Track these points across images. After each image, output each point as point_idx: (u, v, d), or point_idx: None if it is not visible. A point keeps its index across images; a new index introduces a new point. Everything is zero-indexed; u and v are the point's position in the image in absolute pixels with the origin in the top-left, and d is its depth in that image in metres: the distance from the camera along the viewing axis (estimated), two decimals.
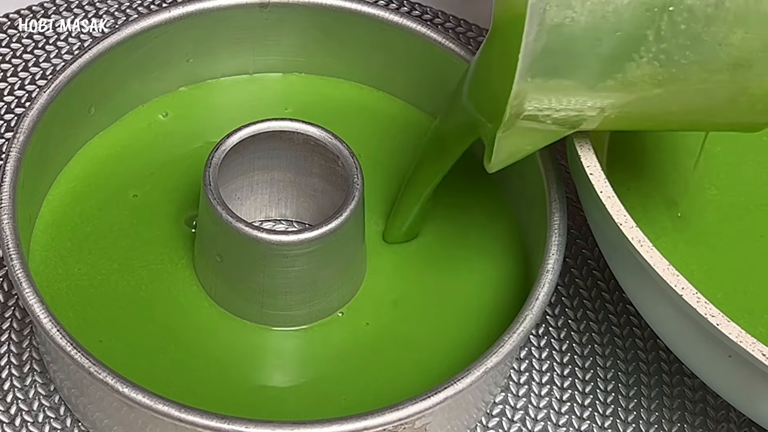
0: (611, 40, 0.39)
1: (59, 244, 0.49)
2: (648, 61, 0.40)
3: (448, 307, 0.49)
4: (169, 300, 0.49)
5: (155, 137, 0.53)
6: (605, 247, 0.47)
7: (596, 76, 0.40)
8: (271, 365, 0.48)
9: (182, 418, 0.41)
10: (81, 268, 0.49)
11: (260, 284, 0.47)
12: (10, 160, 0.46)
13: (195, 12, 0.52)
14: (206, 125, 0.53)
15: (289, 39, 0.54)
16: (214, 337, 0.48)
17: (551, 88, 0.40)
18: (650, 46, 0.40)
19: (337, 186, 0.49)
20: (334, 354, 0.48)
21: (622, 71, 0.40)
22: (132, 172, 0.52)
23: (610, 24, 0.39)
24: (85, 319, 0.47)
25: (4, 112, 0.57)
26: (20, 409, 0.48)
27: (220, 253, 0.47)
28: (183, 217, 0.51)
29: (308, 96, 0.55)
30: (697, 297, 0.41)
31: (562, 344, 0.52)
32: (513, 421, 0.50)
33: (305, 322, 0.48)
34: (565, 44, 0.39)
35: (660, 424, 0.50)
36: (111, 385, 0.42)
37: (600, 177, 0.44)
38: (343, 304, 0.49)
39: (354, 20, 0.53)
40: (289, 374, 0.48)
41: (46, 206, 0.50)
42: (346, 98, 0.55)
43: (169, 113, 0.54)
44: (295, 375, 0.48)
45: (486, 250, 0.51)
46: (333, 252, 0.47)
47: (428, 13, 0.62)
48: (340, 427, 0.41)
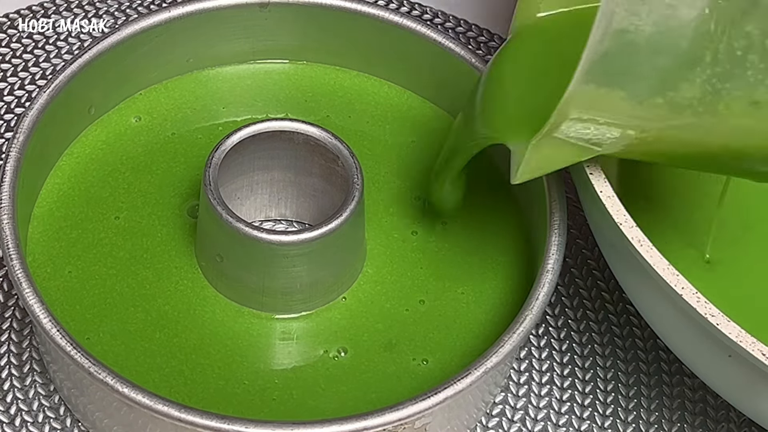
0: (670, 55, 0.39)
1: (53, 241, 0.49)
2: (701, 83, 0.39)
3: (449, 305, 0.49)
4: (170, 291, 0.48)
5: (135, 134, 0.53)
6: (605, 247, 0.47)
7: (648, 91, 0.39)
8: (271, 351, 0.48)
9: (182, 418, 0.41)
10: (71, 270, 0.48)
11: (260, 284, 0.47)
12: (10, 160, 0.46)
13: (195, 12, 0.52)
14: (202, 119, 0.53)
15: (289, 39, 0.54)
16: (216, 326, 0.48)
17: (601, 98, 0.39)
18: (705, 68, 0.39)
19: (337, 186, 0.49)
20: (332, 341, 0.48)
21: (674, 90, 0.39)
22: (125, 165, 0.52)
23: (671, 39, 0.38)
24: (74, 318, 0.47)
25: (4, 112, 0.57)
26: (20, 409, 0.48)
27: (220, 253, 0.47)
28: (185, 207, 0.51)
29: (308, 94, 0.55)
30: (697, 297, 0.41)
31: (562, 344, 0.52)
32: (513, 421, 0.50)
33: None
34: (625, 52, 0.38)
35: (660, 424, 0.50)
36: (111, 385, 0.42)
37: (600, 177, 0.44)
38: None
39: (354, 20, 0.53)
40: (290, 360, 0.48)
41: (38, 205, 0.50)
42: (345, 90, 0.55)
43: (160, 109, 0.53)
44: (296, 360, 0.48)
45: (489, 249, 0.51)
46: (333, 252, 0.47)
47: (428, 13, 0.62)
48: (340, 427, 0.41)
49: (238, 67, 0.55)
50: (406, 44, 0.53)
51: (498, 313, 0.49)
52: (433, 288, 0.50)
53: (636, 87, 0.39)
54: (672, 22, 0.38)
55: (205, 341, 0.47)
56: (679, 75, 0.39)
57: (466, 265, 0.50)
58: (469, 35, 0.61)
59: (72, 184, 0.51)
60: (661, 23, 0.38)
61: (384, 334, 0.48)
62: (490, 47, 0.61)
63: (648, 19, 0.38)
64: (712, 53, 0.39)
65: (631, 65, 0.39)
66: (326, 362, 0.47)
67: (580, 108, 0.39)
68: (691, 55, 0.39)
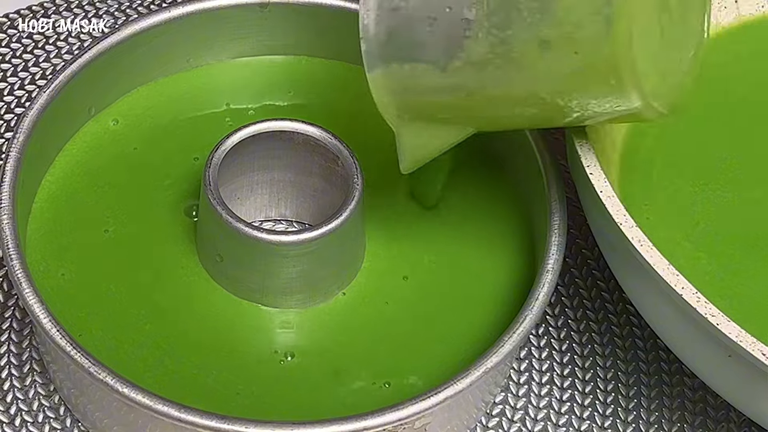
0: (444, 17, 0.41)
1: (51, 239, 0.49)
2: (484, 37, 0.40)
3: (449, 304, 0.49)
4: (170, 286, 0.48)
5: (126, 133, 0.53)
6: (605, 247, 0.47)
7: (443, 56, 0.41)
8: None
9: (182, 418, 0.41)
10: (66, 272, 0.48)
11: (260, 284, 0.47)
12: (10, 160, 0.46)
13: (195, 12, 0.52)
14: (200, 113, 0.53)
15: (288, 38, 0.54)
16: (217, 317, 0.48)
17: (408, 74, 0.42)
18: (482, 21, 0.40)
19: (337, 186, 0.49)
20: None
21: (463, 49, 0.41)
22: (120, 163, 0.51)
23: (435, 2, 0.41)
24: (69, 315, 0.47)
25: (4, 112, 0.57)
26: (20, 409, 0.48)
27: (220, 253, 0.47)
28: (182, 206, 0.50)
29: (307, 90, 0.55)
30: (697, 297, 0.41)
31: (562, 344, 0.52)
32: (513, 421, 0.50)
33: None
34: (404, 26, 0.41)
35: (660, 424, 0.50)
36: (111, 385, 0.42)
37: (600, 177, 0.44)
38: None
39: (354, 20, 0.53)
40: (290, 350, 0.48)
41: (36, 203, 0.50)
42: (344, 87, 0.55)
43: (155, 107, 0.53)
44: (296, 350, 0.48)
45: (489, 248, 0.51)
46: (333, 252, 0.47)
47: None
48: (340, 427, 0.41)
49: (238, 60, 0.55)
50: None
51: (498, 313, 0.49)
52: (433, 288, 0.50)
53: (430, 55, 0.41)
54: None
55: (205, 336, 0.47)
56: (459, 34, 0.41)
57: (465, 264, 0.50)
58: None
59: (67, 183, 0.50)
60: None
61: (383, 331, 0.48)
62: None
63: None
64: (480, 4, 0.40)
65: (416, 36, 0.41)
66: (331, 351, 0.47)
67: (392, 89, 0.42)
68: (459, 12, 0.40)
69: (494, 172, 0.52)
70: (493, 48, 0.40)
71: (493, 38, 0.40)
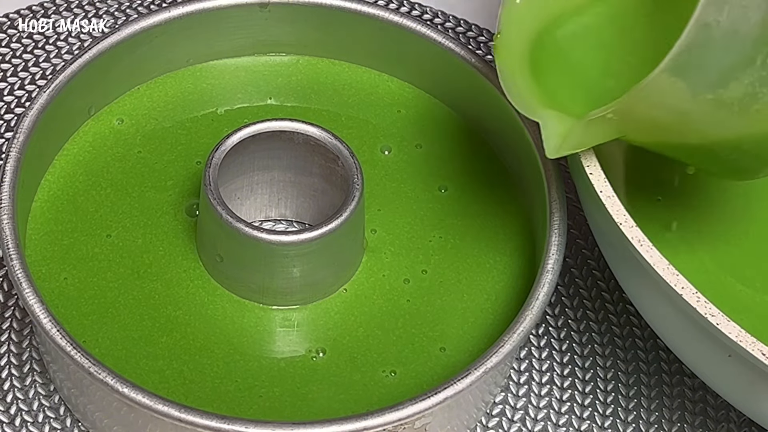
0: (736, 53, 0.40)
1: (52, 240, 0.49)
2: (747, 84, 0.40)
3: (449, 304, 0.49)
4: (172, 288, 0.48)
5: (127, 132, 0.53)
6: (605, 247, 0.47)
7: (705, 86, 0.40)
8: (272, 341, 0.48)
9: (182, 418, 0.41)
10: (68, 276, 0.48)
11: (260, 284, 0.47)
12: (10, 160, 0.46)
13: (195, 12, 0.52)
14: (200, 112, 0.53)
15: (289, 37, 0.54)
16: (218, 317, 0.48)
17: (666, 88, 0.40)
18: (755, 70, 0.40)
19: (337, 186, 0.49)
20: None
21: (725, 87, 0.40)
22: (120, 163, 0.51)
23: (740, 38, 0.39)
24: (67, 320, 0.47)
25: (4, 112, 0.57)
26: (20, 409, 0.48)
27: (220, 253, 0.47)
28: (183, 206, 0.50)
29: (308, 90, 0.55)
30: (697, 297, 0.41)
31: (562, 344, 0.52)
32: (513, 421, 0.50)
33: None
34: (703, 45, 0.39)
35: (660, 424, 0.50)
36: (111, 385, 0.42)
37: (600, 177, 0.44)
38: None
39: (354, 20, 0.53)
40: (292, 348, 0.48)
41: (35, 203, 0.50)
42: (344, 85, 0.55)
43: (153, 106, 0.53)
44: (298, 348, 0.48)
45: (489, 248, 0.51)
46: (333, 252, 0.47)
47: (428, 13, 0.62)
48: (340, 427, 0.41)
49: (237, 59, 0.55)
50: (406, 44, 0.53)
51: (498, 312, 0.49)
52: (433, 287, 0.50)
53: (697, 81, 0.40)
54: (744, 21, 0.39)
55: (210, 339, 0.47)
56: (733, 74, 0.40)
57: (465, 264, 0.50)
58: (469, 35, 0.61)
59: (68, 183, 0.50)
60: (736, 21, 0.39)
61: (383, 328, 0.48)
62: (489, 47, 0.61)
63: (727, 17, 0.39)
64: (763, 57, 0.40)
65: (703, 59, 0.40)
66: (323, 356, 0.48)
67: (650, 94, 0.40)
68: (749, 56, 0.40)
69: (494, 172, 0.52)
70: (745, 96, 0.40)
71: (750, 89, 0.40)
